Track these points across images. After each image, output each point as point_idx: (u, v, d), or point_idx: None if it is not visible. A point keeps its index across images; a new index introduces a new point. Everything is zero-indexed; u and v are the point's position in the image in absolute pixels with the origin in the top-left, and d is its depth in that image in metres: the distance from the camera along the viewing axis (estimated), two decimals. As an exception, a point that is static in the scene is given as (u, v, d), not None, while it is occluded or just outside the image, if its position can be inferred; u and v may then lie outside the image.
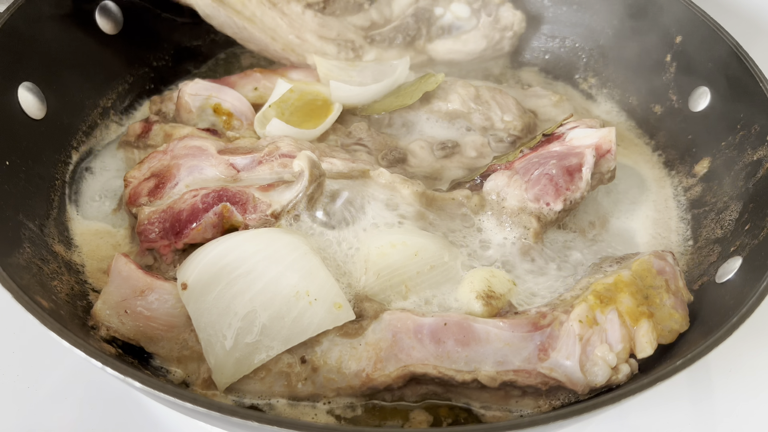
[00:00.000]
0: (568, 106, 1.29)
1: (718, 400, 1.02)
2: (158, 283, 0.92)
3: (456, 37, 1.34)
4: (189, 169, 1.05)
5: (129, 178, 1.08)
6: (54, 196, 1.09)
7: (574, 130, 1.08)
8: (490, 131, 1.21)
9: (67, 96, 1.14)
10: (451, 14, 1.35)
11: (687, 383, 1.04)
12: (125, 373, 0.70)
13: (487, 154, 1.18)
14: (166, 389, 0.69)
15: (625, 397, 0.73)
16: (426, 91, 1.19)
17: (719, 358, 1.05)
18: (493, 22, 1.34)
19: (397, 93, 1.22)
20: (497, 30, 1.35)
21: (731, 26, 1.16)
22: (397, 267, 0.94)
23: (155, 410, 0.97)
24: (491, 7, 1.36)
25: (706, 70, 1.17)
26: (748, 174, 1.06)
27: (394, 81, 1.21)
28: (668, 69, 1.25)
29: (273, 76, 1.25)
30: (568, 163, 1.04)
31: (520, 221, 1.02)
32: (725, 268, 0.97)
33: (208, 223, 0.98)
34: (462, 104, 1.21)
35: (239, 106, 1.18)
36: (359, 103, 1.20)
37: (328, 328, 0.87)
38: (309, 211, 0.99)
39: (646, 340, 0.86)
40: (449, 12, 1.35)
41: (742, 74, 1.09)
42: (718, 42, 1.14)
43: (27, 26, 1.06)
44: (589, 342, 0.85)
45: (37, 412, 0.96)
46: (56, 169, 1.11)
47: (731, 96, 1.12)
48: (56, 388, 0.98)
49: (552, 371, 0.85)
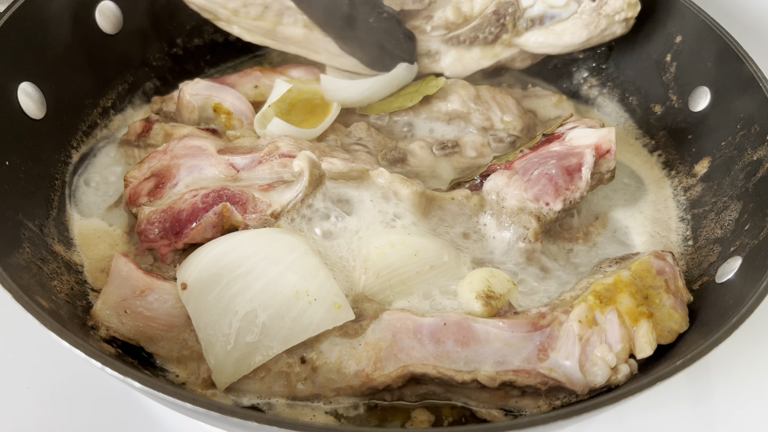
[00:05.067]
0: (568, 107, 1.29)
1: (717, 401, 1.02)
2: (158, 283, 0.92)
3: (548, 28, 1.14)
4: (189, 168, 1.05)
5: (129, 177, 1.08)
6: (54, 196, 1.09)
7: (574, 130, 1.08)
8: (489, 131, 1.21)
9: (67, 96, 1.13)
10: (541, 2, 1.14)
11: (687, 383, 1.03)
12: (125, 374, 0.70)
13: (487, 154, 1.18)
14: (165, 389, 0.69)
15: (625, 397, 0.73)
16: (426, 94, 1.19)
17: (719, 358, 1.04)
18: (597, 6, 1.10)
19: (397, 94, 1.22)
20: (603, 16, 1.11)
21: (731, 26, 1.16)
22: (396, 267, 0.94)
23: (155, 410, 0.97)
24: None
25: (706, 70, 1.17)
26: (748, 174, 1.06)
27: (389, 80, 1.21)
28: (668, 69, 1.24)
29: (273, 74, 1.25)
30: (567, 163, 1.04)
31: (520, 221, 1.02)
32: (725, 268, 0.97)
33: (208, 223, 0.98)
34: (462, 104, 1.21)
35: (239, 106, 1.18)
36: (352, 99, 1.20)
37: (327, 327, 0.87)
38: (309, 210, 0.99)
39: (646, 340, 0.86)
40: (539, 2, 1.14)
41: (742, 74, 1.09)
42: (718, 42, 1.14)
43: (26, 26, 1.06)
44: (589, 342, 0.85)
45: (37, 412, 0.96)
46: (56, 169, 1.11)
47: (731, 96, 1.12)
48: (56, 388, 0.98)
49: (551, 371, 0.85)
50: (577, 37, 1.14)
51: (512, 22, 1.15)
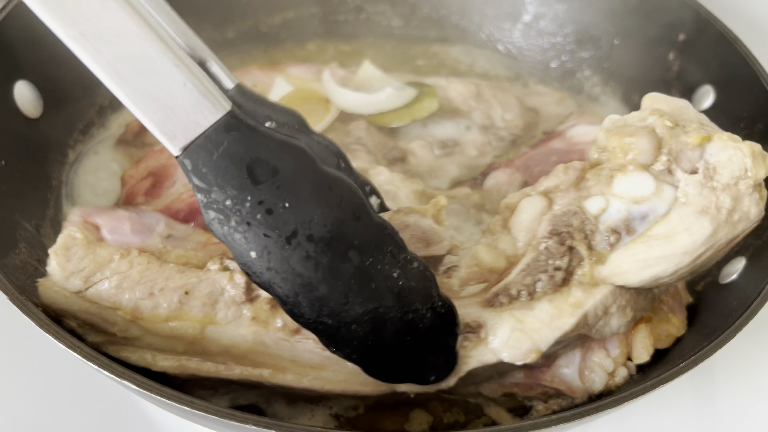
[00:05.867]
0: (570, 104, 1.28)
1: (721, 403, 1.02)
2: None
3: (647, 236, 0.74)
4: (187, 168, 1.05)
5: (126, 177, 1.08)
6: (50, 196, 1.08)
7: (575, 127, 1.08)
8: (491, 130, 1.20)
9: (64, 94, 1.13)
10: (618, 202, 0.75)
11: (690, 386, 1.03)
12: (121, 376, 0.69)
13: (488, 152, 1.17)
14: (162, 392, 0.68)
15: (628, 400, 0.72)
16: (416, 119, 1.16)
17: (723, 361, 1.03)
18: (704, 178, 0.74)
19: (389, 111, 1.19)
20: (721, 190, 0.73)
21: (734, 24, 1.16)
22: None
23: (153, 412, 0.97)
24: (687, 153, 0.75)
25: (710, 68, 1.16)
26: (751, 173, 1.05)
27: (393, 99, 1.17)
28: (671, 67, 1.24)
29: (272, 72, 1.25)
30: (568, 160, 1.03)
31: (521, 220, 1.01)
32: (728, 269, 0.96)
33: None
34: (462, 102, 1.20)
35: (237, 106, 1.17)
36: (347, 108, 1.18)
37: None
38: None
39: (643, 345, 0.85)
40: (614, 199, 0.75)
41: (745, 72, 1.09)
42: (721, 40, 1.14)
43: (22, 24, 1.05)
44: (590, 348, 0.84)
45: (34, 414, 0.95)
46: (52, 168, 1.11)
47: (735, 94, 1.12)
48: (52, 389, 0.97)
49: (552, 381, 0.84)
50: (698, 233, 0.73)
51: (585, 242, 0.74)
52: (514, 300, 0.74)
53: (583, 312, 0.74)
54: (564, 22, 1.39)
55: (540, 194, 0.80)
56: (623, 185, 0.76)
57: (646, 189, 0.75)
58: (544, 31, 1.41)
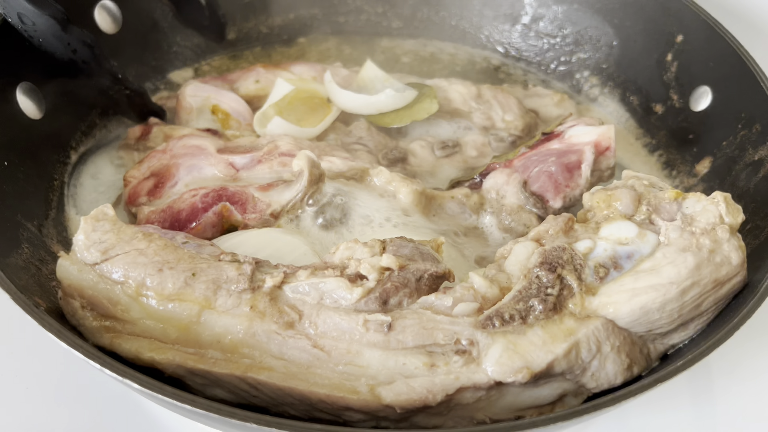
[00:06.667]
0: (569, 106, 1.28)
1: (719, 402, 1.02)
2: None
3: (635, 271, 0.80)
4: (188, 168, 1.05)
5: (128, 177, 1.08)
6: (53, 197, 1.08)
7: (573, 127, 1.08)
8: (491, 131, 1.20)
9: (66, 96, 1.13)
10: (604, 242, 0.82)
11: (688, 385, 1.03)
12: (123, 375, 0.70)
13: (488, 153, 1.18)
14: (164, 391, 0.69)
15: (626, 399, 0.73)
16: (415, 120, 1.17)
17: (720, 360, 1.04)
18: (682, 224, 0.82)
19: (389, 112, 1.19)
20: (700, 234, 0.81)
21: (732, 25, 1.16)
22: (396, 267, 0.94)
23: (154, 411, 0.97)
24: (665, 206, 0.85)
25: (708, 69, 1.17)
26: (749, 173, 1.05)
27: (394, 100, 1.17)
28: (669, 68, 1.24)
29: (276, 70, 1.25)
30: (567, 161, 1.04)
31: (520, 219, 1.02)
32: (726, 269, 0.96)
33: (208, 223, 0.98)
34: (463, 103, 1.21)
35: (236, 107, 1.18)
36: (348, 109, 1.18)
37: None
38: (308, 210, 0.99)
39: None
40: (600, 241, 0.83)
41: (743, 73, 1.09)
42: (719, 41, 1.14)
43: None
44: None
45: (36, 413, 0.95)
46: (55, 169, 1.11)
47: (732, 95, 1.12)
48: (55, 388, 0.98)
49: None
50: (682, 264, 0.79)
51: (574, 273, 0.80)
52: (507, 323, 0.77)
53: (576, 339, 0.76)
54: (563, 24, 1.39)
55: (531, 240, 0.85)
56: (608, 230, 0.84)
57: (629, 232, 0.83)
58: (543, 32, 1.42)
